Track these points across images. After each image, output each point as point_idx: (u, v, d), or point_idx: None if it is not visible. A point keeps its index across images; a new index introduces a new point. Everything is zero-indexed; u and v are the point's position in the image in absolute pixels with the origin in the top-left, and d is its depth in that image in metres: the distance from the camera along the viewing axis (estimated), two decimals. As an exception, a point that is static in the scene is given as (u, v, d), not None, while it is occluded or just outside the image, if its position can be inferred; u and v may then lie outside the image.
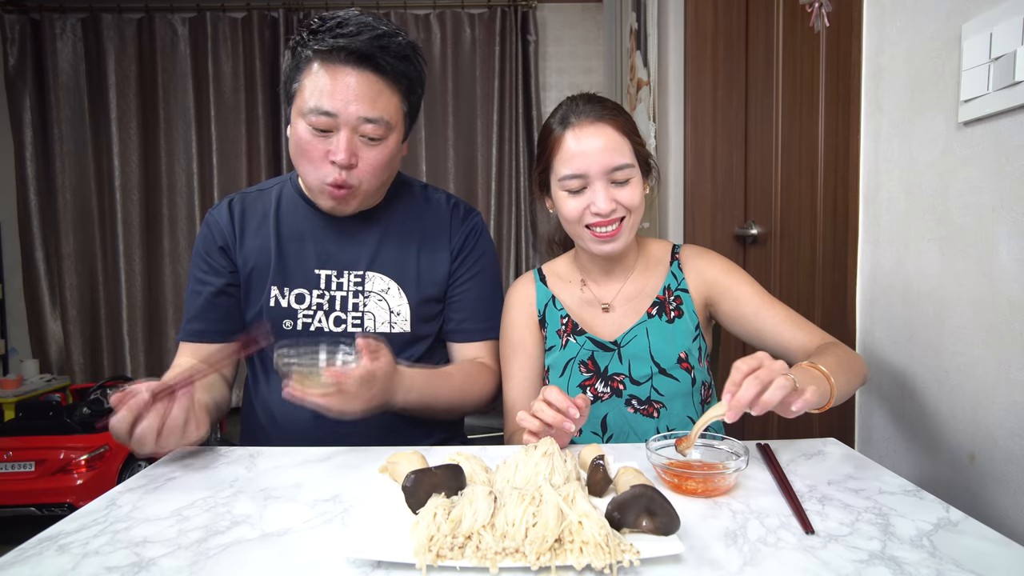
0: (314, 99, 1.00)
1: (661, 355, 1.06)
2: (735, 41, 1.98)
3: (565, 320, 1.12)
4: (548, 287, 1.16)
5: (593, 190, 1.01)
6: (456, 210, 1.23)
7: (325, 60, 1.00)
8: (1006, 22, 0.78)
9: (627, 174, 1.01)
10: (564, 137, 1.02)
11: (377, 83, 1.02)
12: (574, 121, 1.02)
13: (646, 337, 1.08)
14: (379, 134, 1.03)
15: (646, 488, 0.62)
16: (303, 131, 1.02)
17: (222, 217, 1.17)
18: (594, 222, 1.01)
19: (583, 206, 1.01)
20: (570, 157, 1.01)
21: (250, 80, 3.94)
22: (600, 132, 1.00)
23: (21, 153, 3.89)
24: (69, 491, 2.48)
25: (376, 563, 0.59)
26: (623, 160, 1.01)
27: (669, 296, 1.11)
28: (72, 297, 3.98)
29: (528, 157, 4.05)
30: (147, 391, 0.83)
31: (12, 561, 0.61)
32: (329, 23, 1.01)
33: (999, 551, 0.60)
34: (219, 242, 1.16)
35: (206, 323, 1.16)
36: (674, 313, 1.10)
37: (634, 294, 1.12)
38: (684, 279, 1.11)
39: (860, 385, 0.95)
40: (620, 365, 1.08)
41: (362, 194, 1.08)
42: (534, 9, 4.00)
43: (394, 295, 1.16)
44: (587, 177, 1.00)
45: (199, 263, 1.17)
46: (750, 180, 1.92)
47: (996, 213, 0.82)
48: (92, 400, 2.88)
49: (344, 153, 1.00)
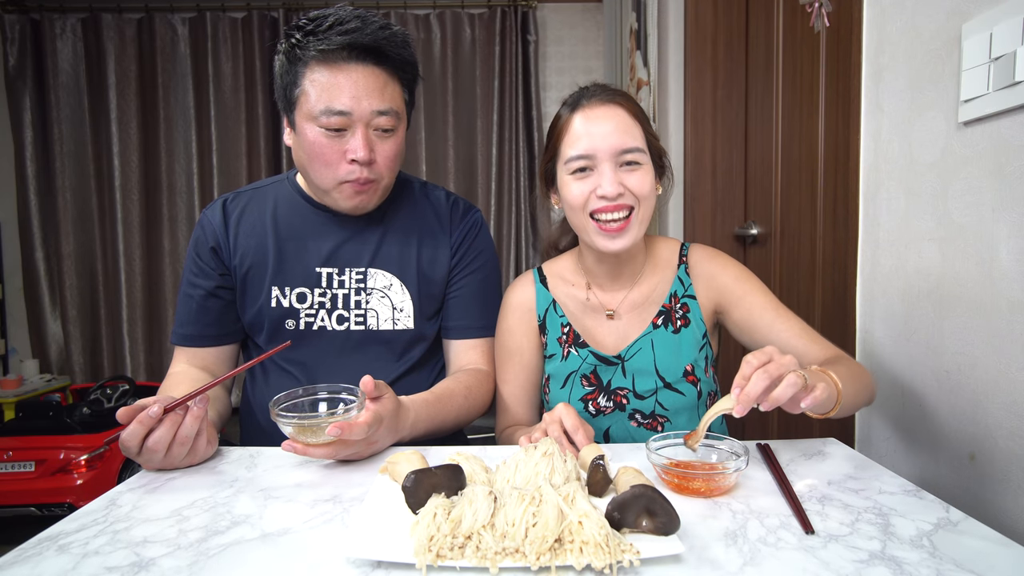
0: (324, 100, 0.99)
1: (666, 369, 1.02)
2: (735, 41, 1.98)
3: (567, 329, 1.08)
4: (549, 289, 1.11)
5: (600, 172, 0.95)
6: (456, 207, 1.23)
7: (327, 59, 0.99)
8: (1006, 22, 0.78)
9: (637, 158, 0.96)
10: (572, 119, 0.98)
11: (382, 75, 1.02)
12: (584, 103, 0.98)
13: (651, 350, 1.04)
14: (391, 125, 1.03)
15: (646, 488, 0.62)
16: (315, 135, 1.01)
17: (215, 217, 1.15)
18: (600, 207, 0.96)
19: (589, 190, 0.96)
20: (577, 138, 0.96)
21: (250, 80, 3.94)
22: (610, 113, 0.96)
23: (21, 153, 3.89)
24: (69, 491, 2.48)
25: (376, 563, 0.59)
26: (633, 143, 0.96)
27: (675, 303, 1.06)
28: (72, 297, 3.98)
29: (528, 157, 4.05)
30: (158, 405, 0.81)
31: (12, 561, 0.61)
32: (325, 22, 1.00)
33: (999, 551, 0.60)
34: (210, 242, 1.14)
35: (198, 327, 1.15)
36: (680, 322, 1.05)
37: (640, 300, 1.07)
38: (691, 285, 1.06)
39: (866, 403, 0.92)
40: (624, 379, 1.04)
41: (383, 187, 1.08)
42: (534, 9, 4.00)
43: (396, 291, 1.15)
44: (594, 158, 0.95)
45: (191, 265, 1.16)
46: (750, 180, 1.92)
47: (996, 213, 0.82)
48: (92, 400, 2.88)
49: (364, 150, 1.00)
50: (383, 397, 0.87)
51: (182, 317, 1.16)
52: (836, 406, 0.81)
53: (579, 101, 0.99)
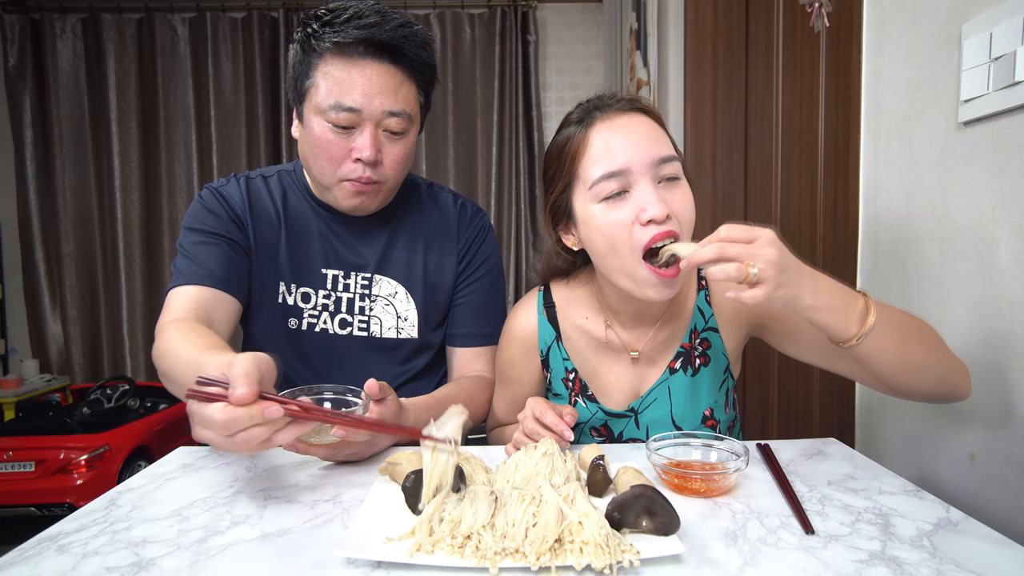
0: (334, 95, 0.95)
1: (683, 418, 0.93)
2: (735, 41, 1.98)
3: (572, 375, 0.97)
4: (554, 324, 0.98)
5: (638, 191, 0.78)
6: (464, 210, 1.20)
7: (343, 53, 0.95)
8: (1006, 22, 0.78)
9: (676, 170, 0.80)
10: (589, 135, 0.82)
11: (397, 74, 0.97)
12: (599, 115, 0.83)
13: (668, 399, 0.93)
14: (402, 127, 0.99)
15: (646, 488, 0.62)
16: (322, 129, 0.97)
17: (235, 193, 1.08)
18: (652, 237, 0.76)
19: (630, 215, 0.78)
20: (603, 153, 0.80)
21: (250, 80, 3.94)
22: (636, 121, 0.82)
23: (21, 153, 3.89)
24: (69, 491, 2.49)
25: (376, 563, 0.59)
26: (668, 151, 0.80)
27: (695, 341, 0.94)
28: (72, 297, 3.98)
29: (528, 157, 4.05)
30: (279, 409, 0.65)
31: (12, 561, 0.61)
32: (344, 14, 0.95)
33: (999, 551, 0.60)
34: (233, 215, 1.06)
35: (207, 267, 1.00)
36: (699, 361, 0.93)
37: (664, 339, 0.95)
38: (713, 316, 0.93)
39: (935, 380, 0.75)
40: (637, 431, 0.96)
41: (387, 191, 1.05)
42: (534, 9, 4.00)
43: (402, 300, 1.12)
44: (629, 173, 0.78)
45: (206, 219, 1.04)
46: (750, 180, 1.92)
47: (996, 213, 0.82)
48: (92, 400, 2.88)
49: (371, 150, 0.96)
50: (387, 399, 0.86)
51: (186, 264, 1.01)
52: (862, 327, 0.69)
53: (591, 114, 0.84)
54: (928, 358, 0.75)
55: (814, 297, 0.69)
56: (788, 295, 0.68)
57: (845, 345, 0.72)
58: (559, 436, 0.83)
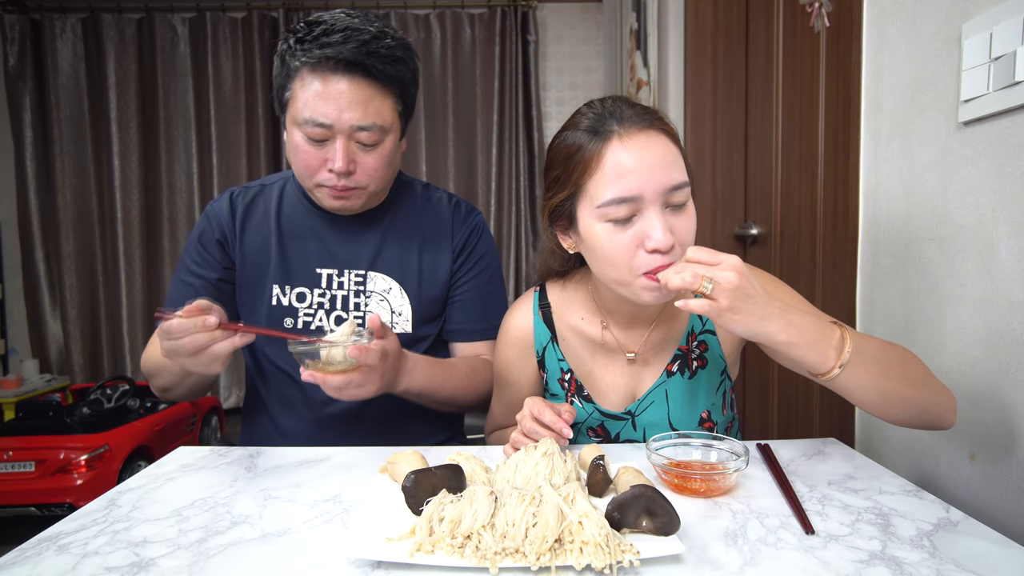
0: (308, 110, 0.98)
1: (680, 421, 0.94)
2: (735, 41, 1.98)
3: (568, 376, 0.98)
4: (550, 325, 1.00)
5: (646, 218, 0.78)
6: (458, 209, 1.22)
7: (315, 69, 0.98)
8: (1006, 22, 0.78)
9: (685, 196, 0.80)
10: (604, 151, 0.79)
11: (368, 88, 0.99)
12: (618, 129, 0.80)
13: (665, 402, 0.94)
14: (374, 140, 1.02)
15: (646, 488, 0.62)
16: (299, 139, 1.01)
17: (223, 210, 1.16)
18: (654, 268, 0.78)
19: (635, 241, 0.79)
20: (616, 176, 0.78)
21: (250, 80, 3.95)
22: (654, 142, 0.79)
23: (21, 153, 3.89)
24: (69, 491, 2.48)
25: (376, 563, 0.59)
26: (681, 177, 0.80)
27: (692, 343, 0.95)
28: (72, 297, 3.98)
29: (528, 157, 4.05)
30: (216, 317, 0.83)
31: (12, 561, 0.61)
32: (315, 31, 0.98)
33: (999, 551, 0.60)
34: (217, 235, 1.14)
35: None
36: (697, 363, 0.95)
37: (659, 340, 0.96)
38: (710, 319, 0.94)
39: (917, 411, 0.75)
40: (634, 432, 0.96)
41: (369, 194, 1.07)
42: (534, 9, 4.00)
43: (396, 295, 1.15)
44: (640, 200, 0.78)
45: (193, 253, 1.15)
46: (750, 180, 1.92)
47: (996, 213, 0.82)
48: (92, 400, 2.88)
49: (341, 162, 1.00)
50: (388, 336, 0.93)
51: (175, 297, 1.10)
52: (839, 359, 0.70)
53: (606, 126, 0.81)
54: (908, 390, 0.75)
55: (786, 332, 0.70)
56: (747, 323, 0.69)
57: (823, 378, 0.73)
58: (558, 434, 0.83)
